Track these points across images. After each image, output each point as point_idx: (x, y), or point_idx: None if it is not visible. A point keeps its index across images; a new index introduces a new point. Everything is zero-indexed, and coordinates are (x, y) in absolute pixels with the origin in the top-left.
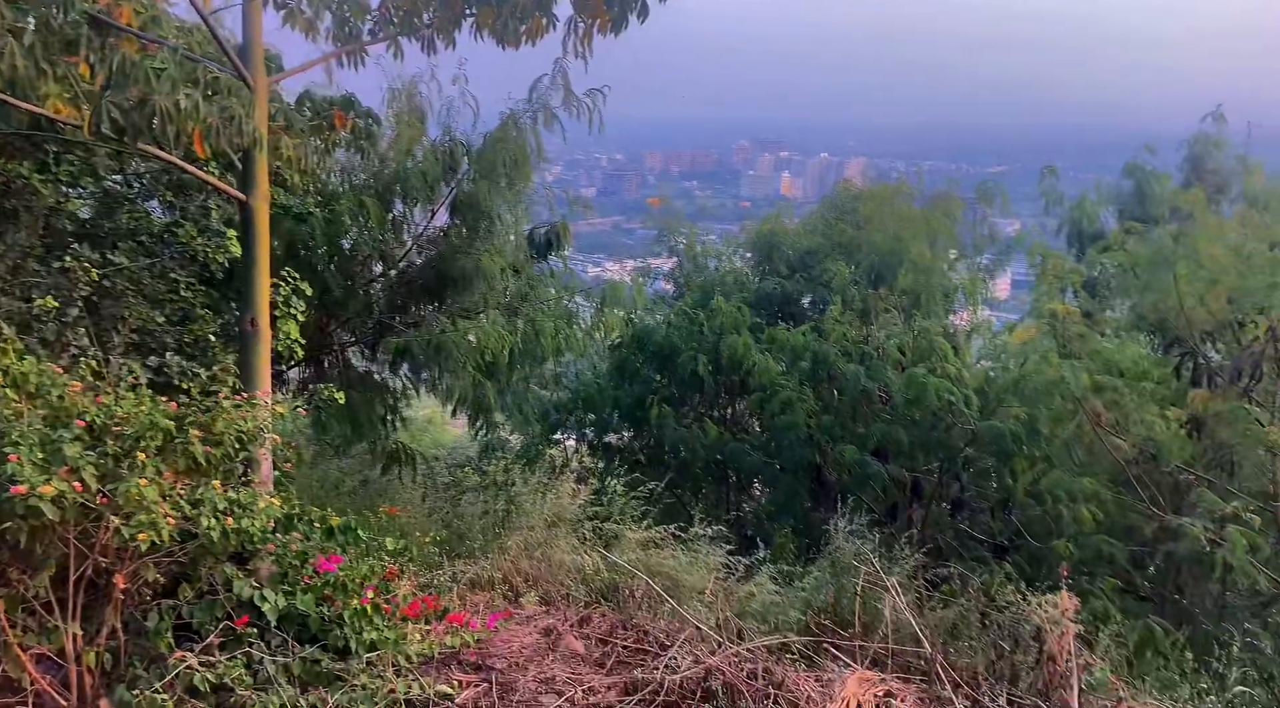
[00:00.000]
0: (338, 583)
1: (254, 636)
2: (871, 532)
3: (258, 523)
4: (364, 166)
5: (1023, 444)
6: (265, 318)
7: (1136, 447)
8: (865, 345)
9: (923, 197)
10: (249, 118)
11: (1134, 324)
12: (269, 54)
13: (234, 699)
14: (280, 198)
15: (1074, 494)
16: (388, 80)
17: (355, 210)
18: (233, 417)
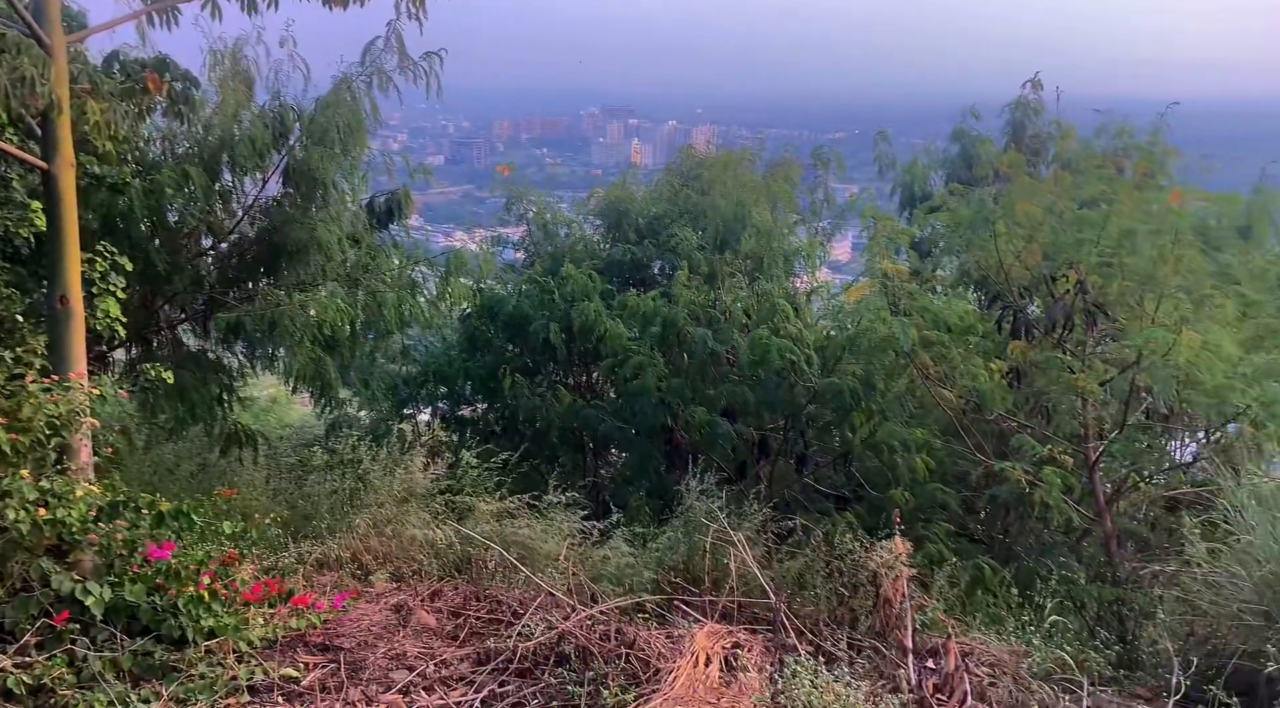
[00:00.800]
0: (171, 571)
1: (77, 632)
2: (722, 490)
3: (75, 513)
4: (186, 134)
5: (860, 399)
6: (77, 295)
7: (963, 397)
8: (712, 309)
9: (765, 163)
10: (44, 79)
11: (961, 281)
12: (70, 11)
13: (55, 701)
14: (93, 167)
15: (908, 445)
16: (209, 42)
17: (179, 180)
18: (40, 401)
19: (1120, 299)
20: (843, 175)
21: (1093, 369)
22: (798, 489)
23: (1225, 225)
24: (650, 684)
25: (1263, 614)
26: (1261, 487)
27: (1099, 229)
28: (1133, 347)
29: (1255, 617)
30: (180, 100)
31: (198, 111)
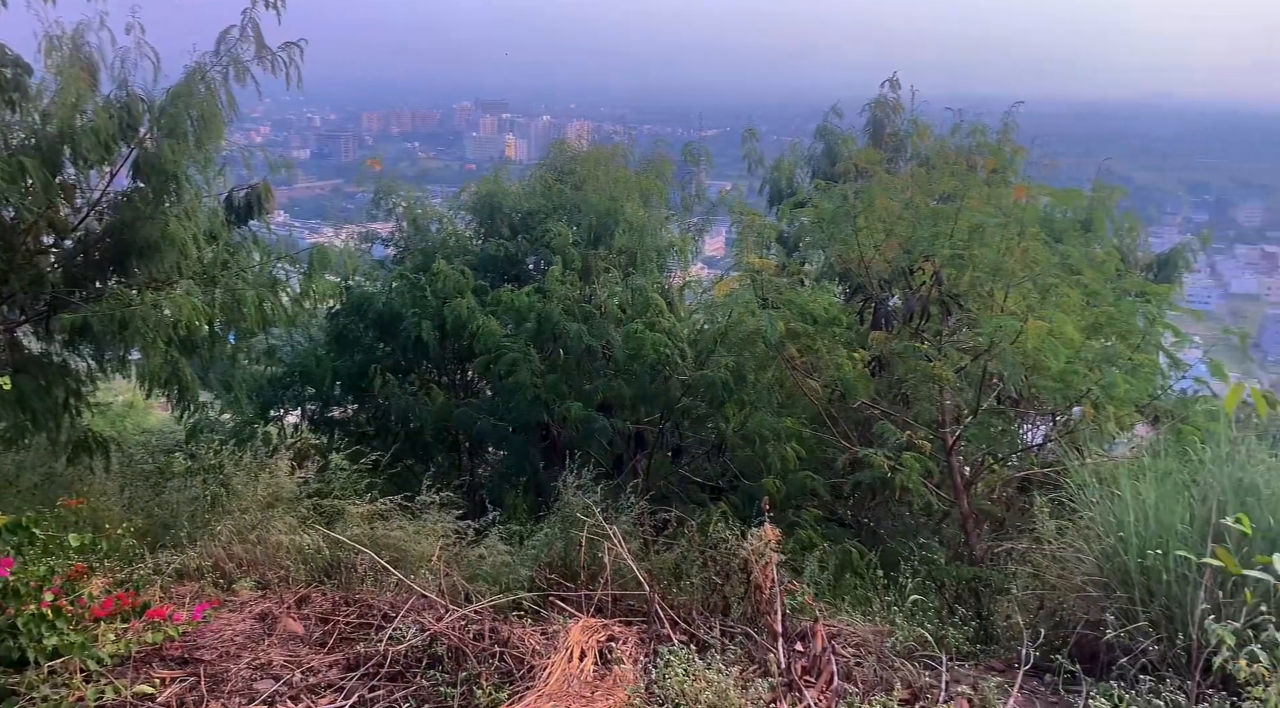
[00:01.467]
0: (9, 589)
1: None
2: (599, 484)
3: None
4: (20, 124)
5: (732, 391)
6: None
7: (829, 387)
8: (587, 304)
9: (638, 159)
10: None
11: (826, 274)
12: None
13: None
14: None
15: (778, 434)
16: (44, 27)
17: (14, 173)
18: None
19: (972, 290)
20: (715, 172)
21: (948, 357)
22: (674, 481)
23: (1068, 219)
24: (524, 682)
25: (1102, 585)
26: (1102, 466)
27: (951, 223)
28: (984, 335)
29: (1096, 588)
30: (11, 88)
31: (32, 100)
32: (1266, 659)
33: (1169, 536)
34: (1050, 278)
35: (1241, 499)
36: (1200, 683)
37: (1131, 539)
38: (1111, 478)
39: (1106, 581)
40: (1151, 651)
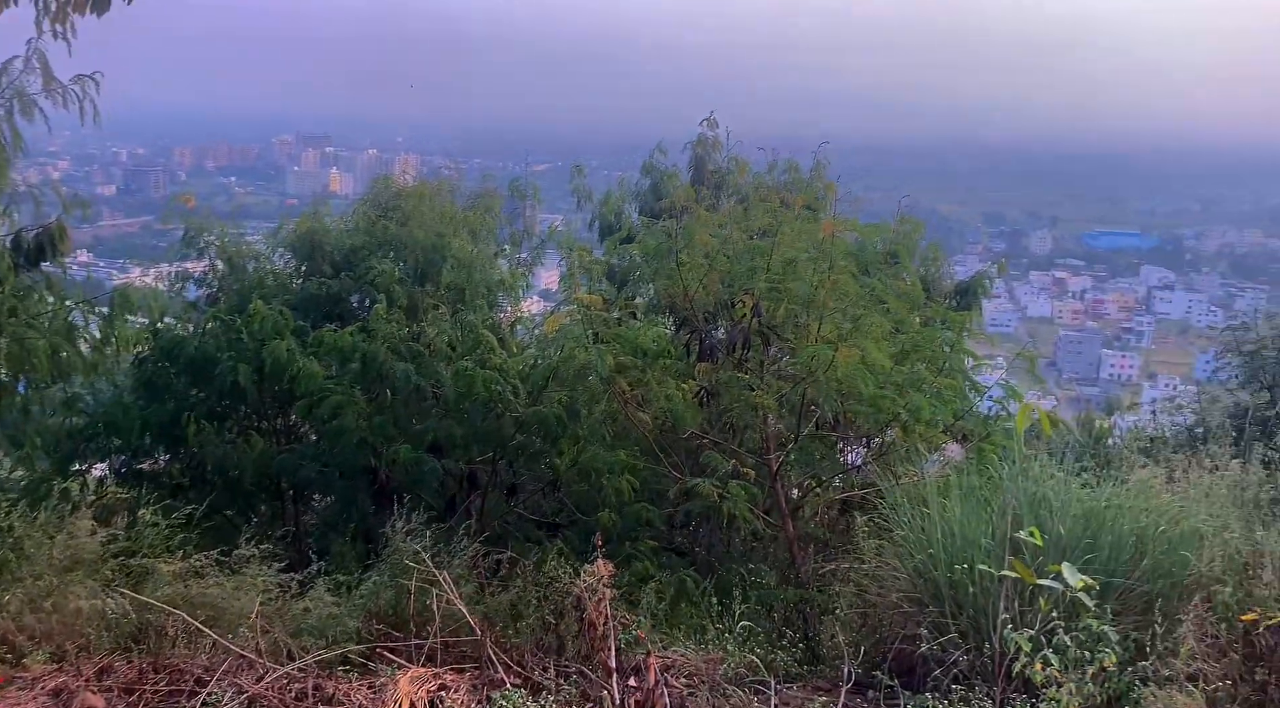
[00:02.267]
0: None
1: None
2: (430, 528)
3: None
4: None
5: (565, 426)
6: None
7: (659, 418)
8: (415, 343)
9: (466, 194)
10: None
11: (655, 307)
12: None
13: None
14: None
15: (612, 467)
16: None
17: None
18: None
19: (789, 321)
20: (547, 206)
21: (769, 386)
22: (510, 520)
23: (877, 251)
24: None
25: (916, 601)
26: (914, 486)
27: (767, 258)
28: (800, 364)
29: (911, 604)
30: None
31: None
32: (1058, 663)
33: (973, 550)
34: (859, 308)
35: (1035, 512)
36: (1005, 688)
37: (940, 555)
38: (921, 498)
39: (920, 596)
40: (962, 661)
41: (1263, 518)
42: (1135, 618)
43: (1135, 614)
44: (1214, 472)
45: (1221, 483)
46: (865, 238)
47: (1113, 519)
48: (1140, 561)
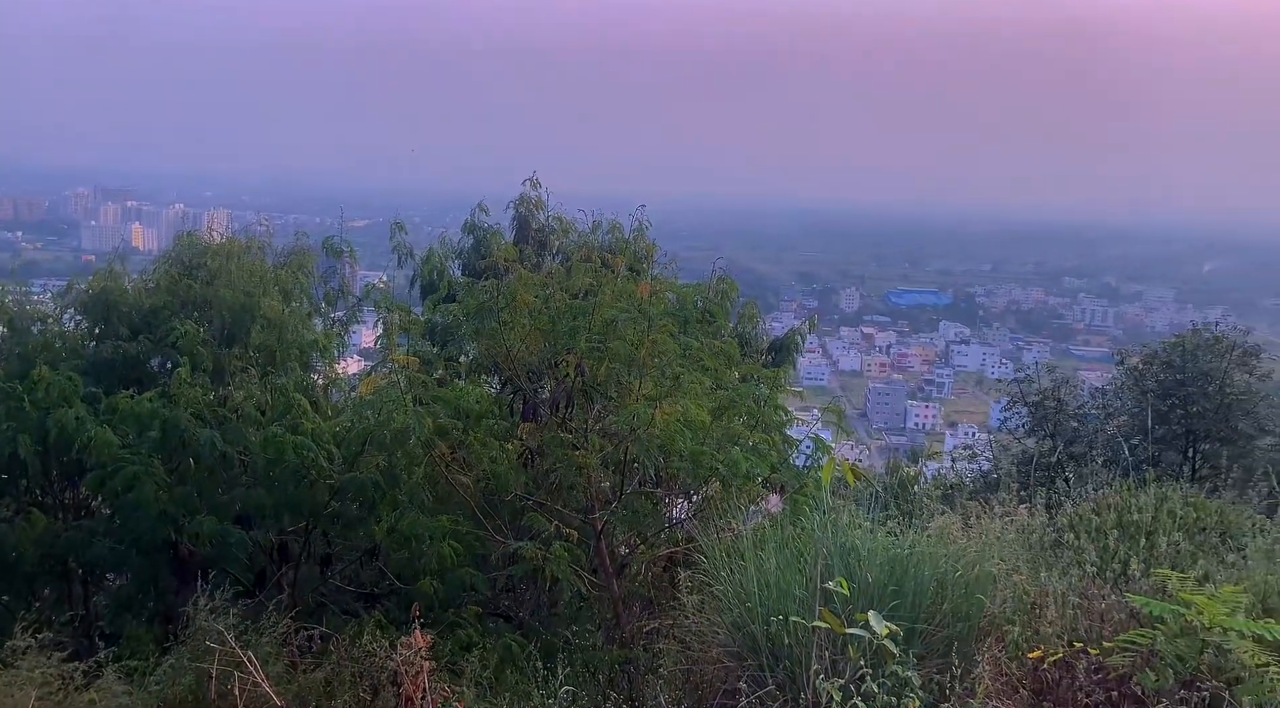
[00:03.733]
0: None
1: None
2: (237, 604)
3: None
4: None
5: (384, 492)
6: None
7: (482, 481)
8: (221, 408)
9: (278, 252)
10: None
11: (479, 367)
12: None
13: None
14: None
15: (433, 533)
16: None
17: None
18: None
19: (610, 379)
20: (367, 263)
21: (593, 445)
22: (326, 592)
23: (693, 311)
24: None
25: (735, 654)
26: (735, 539)
27: (589, 317)
28: (623, 422)
29: (730, 658)
30: None
31: None
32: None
33: (788, 601)
34: (678, 366)
35: (845, 561)
36: None
37: (757, 608)
38: (739, 551)
39: (739, 649)
40: None
41: (1047, 560)
42: (938, 660)
43: (938, 657)
44: (1004, 517)
45: (1010, 527)
46: (683, 298)
47: (915, 566)
48: (941, 605)
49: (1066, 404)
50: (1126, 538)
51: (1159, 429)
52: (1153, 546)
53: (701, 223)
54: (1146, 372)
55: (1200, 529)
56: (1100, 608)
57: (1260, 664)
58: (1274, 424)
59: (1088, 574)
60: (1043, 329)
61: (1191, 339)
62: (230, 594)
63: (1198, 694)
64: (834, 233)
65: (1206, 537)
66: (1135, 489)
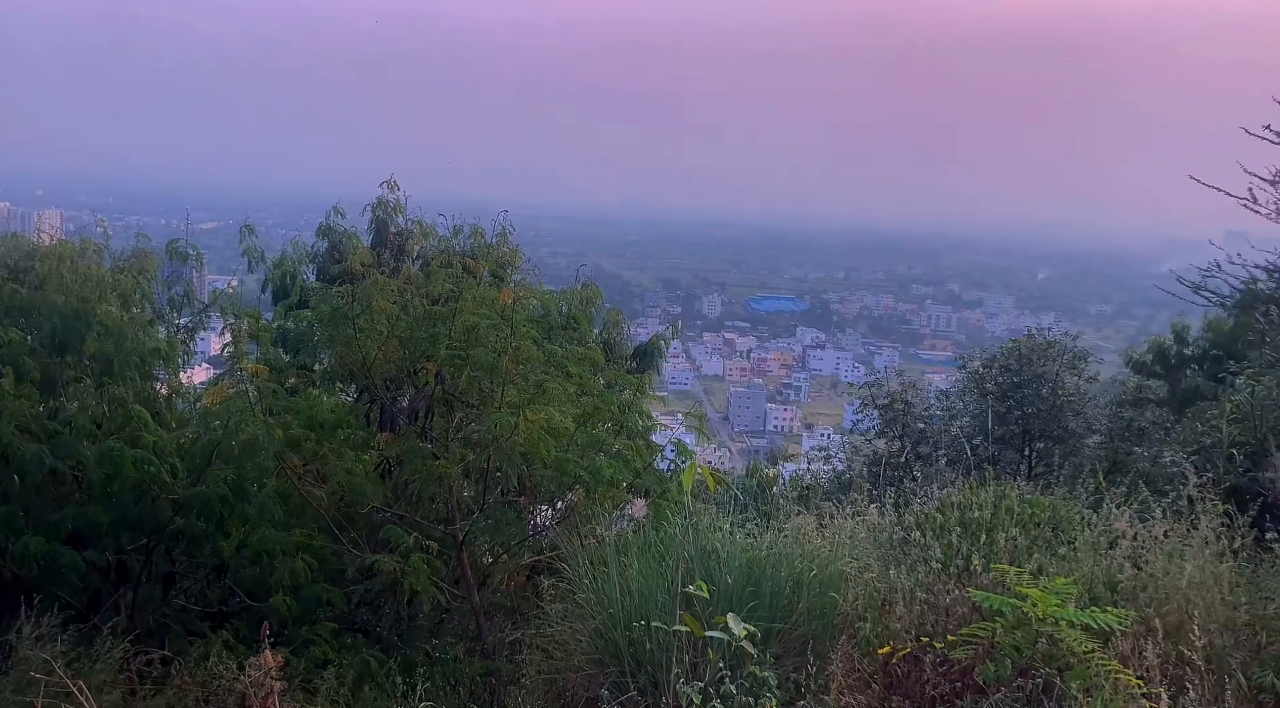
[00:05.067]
0: None
1: None
2: (68, 630)
3: None
4: None
5: (232, 506)
6: None
7: (337, 494)
8: (51, 420)
9: (117, 254)
10: None
11: (334, 375)
12: None
13: None
14: None
15: (285, 548)
16: None
17: None
18: None
19: (472, 387)
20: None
21: (454, 455)
22: (169, 613)
23: (557, 317)
24: None
25: (598, 662)
26: (594, 547)
27: (449, 324)
28: (484, 431)
29: (593, 665)
30: None
31: None
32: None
33: (650, 606)
34: (542, 373)
35: (705, 564)
36: None
37: (619, 614)
38: (602, 558)
39: (601, 657)
40: None
41: (896, 558)
42: (795, 658)
43: (794, 655)
44: (856, 517)
45: (862, 527)
46: (548, 304)
47: (773, 567)
48: (797, 604)
49: (913, 406)
50: (968, 535)
51: (998, 429)
52: (992, 542)
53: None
54: (986, 375)
55: (1035, 524)
56: (945, 603)
57: (1087, 651)
58: (1101, 423)
59: (933, 571)
60: (893, 334)
61: (1026, 344)
62: (59, 620)
63: (1033, 682)
64: (696, 241)
65: (1041, 531)
66: (976, 488)
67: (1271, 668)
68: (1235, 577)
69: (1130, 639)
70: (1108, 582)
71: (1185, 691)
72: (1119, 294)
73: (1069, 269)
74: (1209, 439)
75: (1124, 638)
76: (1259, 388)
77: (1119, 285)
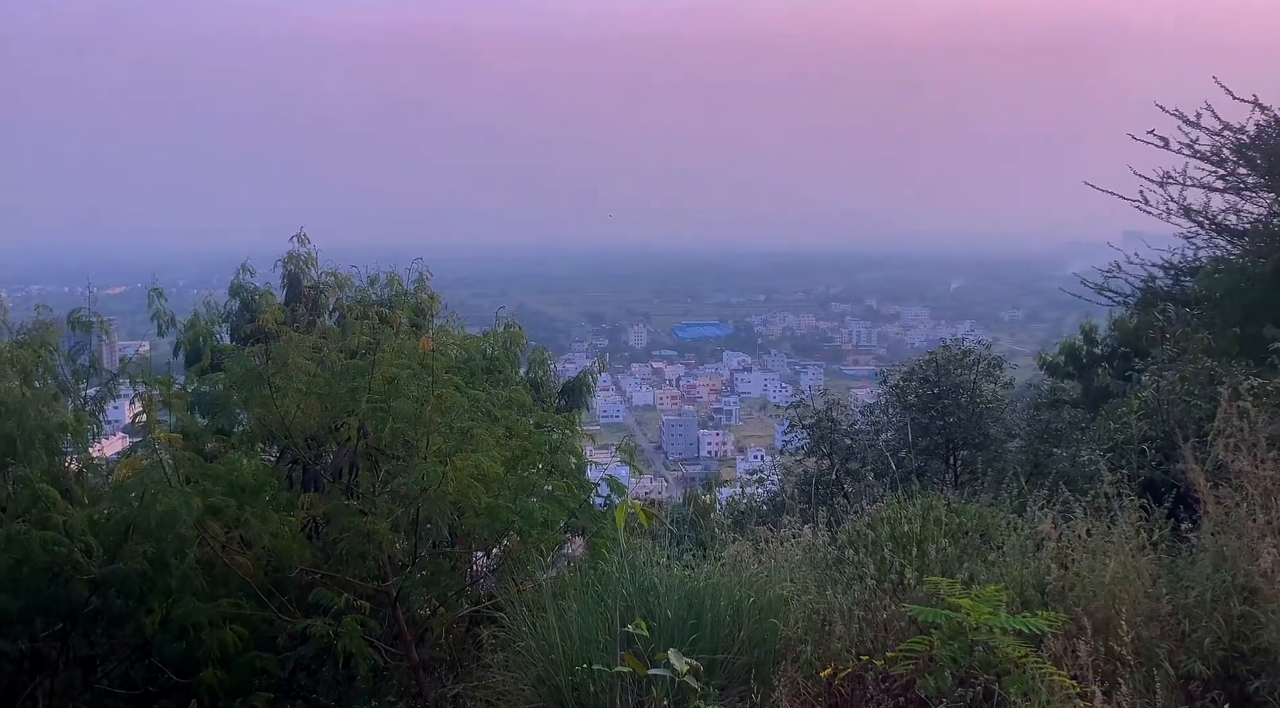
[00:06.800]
0: None
1: None
2: None
3: None
4: None
5: (153, 582)
6: None
7: (263, 559)
8: None
9: (17, 327)
10: None
11: (253, 437)
12: None
13: None
14: None
15: (213, 619)
16: None
17: None
18: None
19: (397, 440)
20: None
21: (381, 510)
22: (90, 699)
23: (480, 361)
24: None
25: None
26: (532, 592)
27: (368, 377)
28: (412, 483)
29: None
30: None
31: None
32: None
33: (591, 648)
34: (467, 420)
35: (645, 600)
36: None
37: (560, 659)
38: (539, 603)
39: (544, 704)
40: None
41: (832, 577)
42: (739, 687)
43: (739, 684)
44: (791, 540)
45: (797, 548)
46: (468, 348)
47: (712, 597)
48: (738, 633)
49: (839, 423)
50: (900, 549)
51: (922, 440)
52: (924, 554)
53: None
54: (906, 388)
55: (964, 533)
56: (883, 619)
57: (1022, 656)
58: (1020, 428)
59: (869, 588)
60: (816, 352)
61: (943, 355)
62: None
63: (973, 690)
64: (618, 274)
65: (970, 540)
66: (905, 501)
67: (1196, 655)
68: (1156, 569)
69: (1062, 640)
70: (1037, 584)
71: (1118, 686)
72: (1029, 299)
73: (980, 278)
74: (1122, 436)
75: (1056, 639)
76: (1163, 383)
77: (1028, 290)
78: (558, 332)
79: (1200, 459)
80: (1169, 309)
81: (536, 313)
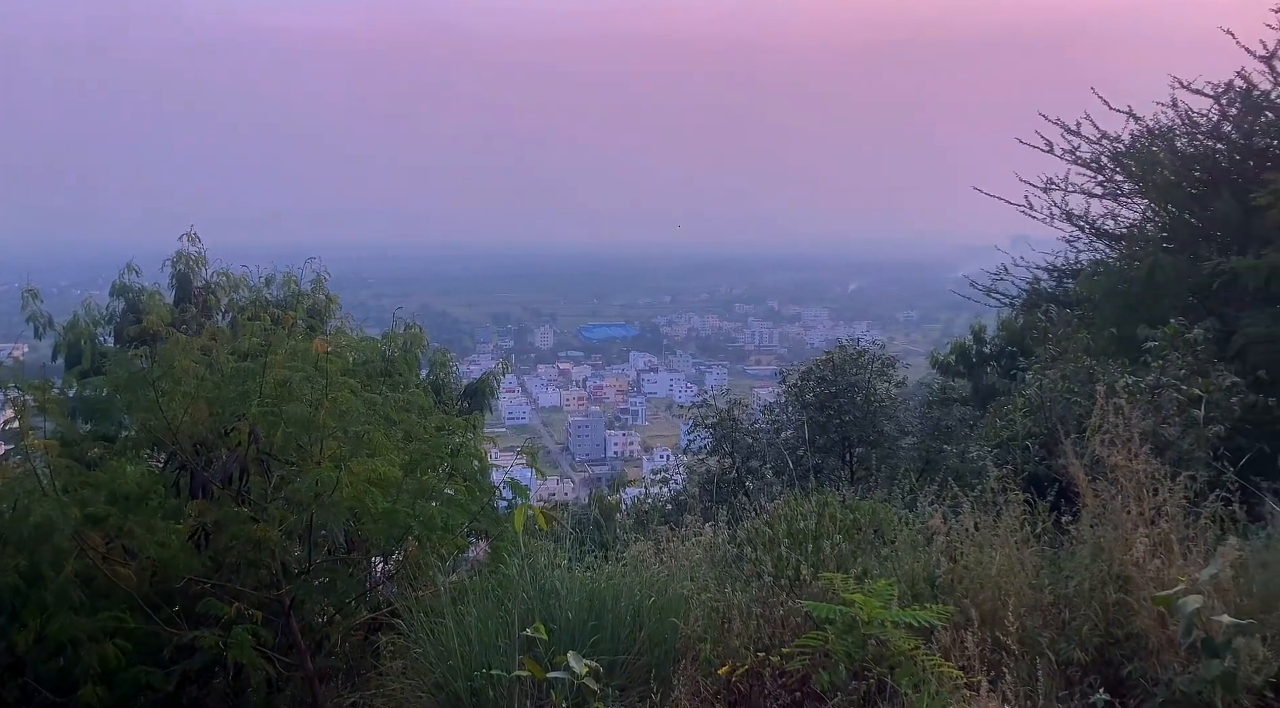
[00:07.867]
0: None
1: None
2: None
3: None
4: None
5: (25, 597)
6: None
7: (148, 570)
8: None
9: None
10: None
11: (140, 443)
12: None
13: None
14: None
15: (93, 634)
16: None
17: None
18: None
19: (289, 445)
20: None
21: (274, 517)
22: None
23: (379, 363)
24: None
25: None
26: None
27: (259, 380)
28: (305, 488)
29: None
30: None
31: None
32: None
33: (491, 654)
34: (363, 424)
35: (546, 603)
36: None
37: (459, 665)
38: (437, 609)
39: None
40: None
41: (731, 575)
42: (639, 688)
43: (639, 685)
44: (692, 538)
45: (698, 547)
46: (365, 350)
47: (613, 599)
48: (639, 633)
49: (741, 422)
50: (797, 546)
51: (820, 438)
52: (819, 550)
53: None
54: (805, 387)
55: (858, 529)
56: (780, 615)
57: (912, 649)
58: (913, 425)
59: (766, 585)
60: (720, 352)
61: (839, 355)
62: None
63: (866, 684)
64: (523, 275)
65: (863, 535)
66: (802, 498)
67: (1075, 642)
68: (1039, 561)
69: (951, 631)
70: (927, 578)
71: (1003, 675)
72: (923, 300)
73: (877, 280)
74: (1007, 433)
75: (945, 631)
76: (1045, 381)
77: (922, 292)
78: (462, 333)
79: (1080, 454)
80: (1051, 310)
81: (441, 314)
